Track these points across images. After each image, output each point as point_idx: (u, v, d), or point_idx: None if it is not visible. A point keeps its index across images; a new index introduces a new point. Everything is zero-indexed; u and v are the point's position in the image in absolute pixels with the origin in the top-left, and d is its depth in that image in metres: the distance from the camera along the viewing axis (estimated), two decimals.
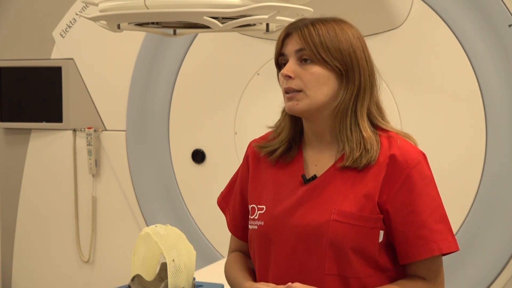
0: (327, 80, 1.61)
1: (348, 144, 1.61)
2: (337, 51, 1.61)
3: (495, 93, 3.15)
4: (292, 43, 1.63)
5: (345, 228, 1.58)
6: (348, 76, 1.62)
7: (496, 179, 3.17)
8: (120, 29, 2.36)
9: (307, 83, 1.61)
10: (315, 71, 1.61)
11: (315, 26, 1.62)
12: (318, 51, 1.60)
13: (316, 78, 1.61)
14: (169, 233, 2.10)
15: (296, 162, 1.69)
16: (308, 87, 1.61)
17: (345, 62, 1.61)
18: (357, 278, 1.59)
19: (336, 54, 1.60)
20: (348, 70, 1.62)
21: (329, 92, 1.62)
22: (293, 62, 1.62)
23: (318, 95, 1.61)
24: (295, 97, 1.62)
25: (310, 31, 1.61)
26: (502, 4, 3.11)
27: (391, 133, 1.65)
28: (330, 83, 1.62)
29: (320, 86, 1.61)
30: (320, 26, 1.62)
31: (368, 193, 1.59)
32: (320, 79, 1.61)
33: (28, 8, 3.99)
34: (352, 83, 1.62)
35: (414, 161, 1.60)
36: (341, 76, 1.62)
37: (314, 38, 1.60)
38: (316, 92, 1.61)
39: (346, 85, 1.62)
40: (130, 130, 3.78)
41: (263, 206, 1.68)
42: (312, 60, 1.61)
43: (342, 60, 1.61)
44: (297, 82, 1.61)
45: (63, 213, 4.00)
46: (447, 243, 1.60)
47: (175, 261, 2.04)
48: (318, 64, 1.61)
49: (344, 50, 1.61)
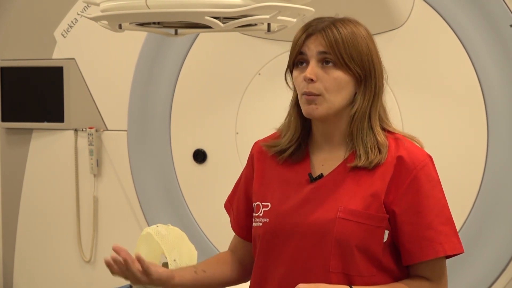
0: (346, 85, 1.62)
1: (363, 147, 1.62)
2: (358, 56, 1.61)
3: (496, 93, 3.15)
4: (315, 45, 1.62)
5: (351, 226, 1.59)
6: (366, 81, 1.63)
7: (498, 180, 3.17)
8: (121, 29, 2.36)
9: (328, 88, 1.61)
10: (338, 76, 1.61)
11: (338, 29, 1.61)
12: (342, 56, 1.60)
13: (338, 83, 1.61)
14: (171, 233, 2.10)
15: (303, 161, 1.69)
16: (328, 91, 1.61)
17: (364, 68, 1.62)
18: (361, 277, 1.60)
19: (357, 59, 1.61)
20: (366, 76, 1.63)
21: (346, 97, 1.63)
22: (314, 64, 1.62)
23: (337, 100, 1.62)
24: (315, 100, 1.61)
25: (334, 34, 1.60)
26: (504, 4, 3.11)
27: (397, 135, 1.66)
28: (349, 87, 1.63)
29: (340, 90, 1.61)
30: (342, 27, 1.61)
31: (374, 192, 1.60)
32: (341, 83, 1.61)
33: (30, 8, 3.99)
34: (369, 88, 1.63)
35: (421, 163, 1.61)
36: (359, 82, 1.63)
37: (338, 42, 1.60)
38: (335, 97, 1.61)
39: (363, 90, 1.63)
40: (132, 130, 3.78)
41: (268, 204, 1.68)
42: (335, 64, 1.61)
43: (362, 66, 1.62)
44: (318, 86, 1.61)
45: (65, 213, 4.00)
46: (452, 245, 1.61)
47: (177, 261, 2.04)
48: (341, 68, 1.61)
49: (364, 56, 1.62)
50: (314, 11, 2.31)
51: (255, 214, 1.70)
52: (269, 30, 2.42)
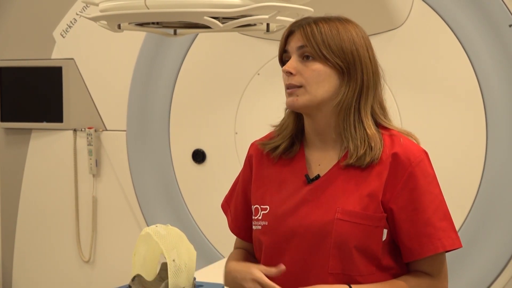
0: (328, 77, 1.62)
1: (352, 142, 1.62)
2: (339, 48, 1.62)
3: (495, 93, 3.15)
4: (294, 41, 1.65)
5: (349, 227, 1.59)
6: (350, 73, 1.63)
7: (497, 179, 3.17)
8: (120, 29, 2.36)
9: (307, 79, 1.62)
10: (316, 67, 1.62)
11: (318, 24, 1.63)
12: (319, 48, 1.61)
13: (317, 74, 1.62)
14: (170, 233, 2.10)
15: (298, 161, 1.69)
16: (308, 83, 1.62)
17: (346, 59, 1.62)
18: (360, 277, 1.60)
19: (337, 51, 1.62)
20: (350, 68, 1.63)
21: (329, 89, 1.63)
22: (295, 59, 1.64)
23: (319, 91, 1.62)
24: (295, 92, 1.63)
25: (312, 29, 1.63)
26: (503, 4, 3.11)
27: (393, 131, 1.66)
28: (331, 80, 1.63)
29: (320, 82, 1.62)
30: (323, 24, 1.64)
31: (371, 192, 1.60)
32: (321, 75, 1.62)
33: (29, 8, 3.99)
34: (354, 80, 1.63)
35: (417, 159, 1.61)
36: (343, 74, 1.63)
37: (315, 35, 1.62)
38: (316, 88, 1.62)
39: (347, 82, 1.63)
40: (131, 130, 3.78)
41: (266, 206, 1.68)
42: (314, 57, 1.62)
43: (344, 57, 1.62)
44: (298, 79, 1.63)
45: (64, 213, 4.00)
46: (450, 240, 1.61)
47: (176, 261, 2.04)
48: (319, 61, 1.62)
49: (346, 48, 1.62)
50: (313, 11, 2.32)
51: (255, 217, 1.70)
52: (268, 30, 2.43)
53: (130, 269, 2.20)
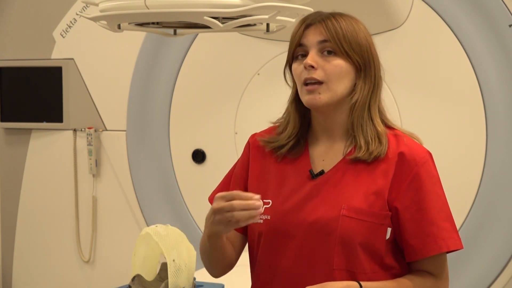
0: (347, 74, 1.63)
1: (363, 137, 1.62)
2: (357, 45, 1.63)
3: (495, 93, 3.15)
4: (314, 34, 1.64)
5: (355, 224, 1.59)
6: (366, 70, 1.64)
7: (497, 179, 3.17)
8: (120, 29, 2.36)
9: (330, 75, 1.62)
10: (339, 63, 1.62)
11: (337, 19, 1.63)
12: (341, 44, 1.61)
13: (339, 70, 1.62)
14: (170, 233, 2.10)
15: (302, 157, 1.69)
16: (330, 79, 1.62)
17: (363, 56, 1.63)
18: (363, 274, 1.60)
19: (356, 48, 1.63)
20: (366, 65, 1.64)
21: (348, 86, 1.64)
22: (314, 53, 1.63)
23: (340, 88, 1.62)
24: (317, 90, 1.62)
25: (333, 23, 1.62)
26: (502, 4, 3.12)
27: (397, 131, 1.67)
28: (350, 76, 1.64)
29: (341, 79, 1.62)
30: (341, 19, 1.64)
31: (378, 190, 1.61)
32: (342, 71, 1.62)
33: (29, 8, 3.99)
34: (369, 78, 1.64)
35: (422, 160, 1.62)
36: (360, 71, 1.64)
37: (337, 30, 1.62)
38: (338, 85, 1.62)
39: (364, 79, 1.64)
40: (131, 130, 3.78)
41: (269, 200, 1.68)
42: (335, 53, 1.62)
43: (361, 54, 1.63)
44: (320, 73, 1.62)
45: (64, 213, 4.00)
46: (453, 241, 1.62)
47: (176, 261, 2.03)
48: (341, 56, 1.62)
49: (363, 45, 1.63)
50: (313, 11, 2.31)
51: None
52: (268, 30, 2.42)
53: (130, 269, 2.19)
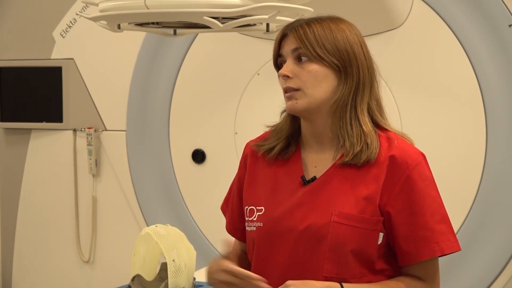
0: (325, 77, 1.62)
1: (348, 139, 1.60)
2: (333, 47, 1.61)
3: (495, 93, 3.15)
4: (288, 43, 1.64)
5: (346, 230, 1.57)
6: (347, 71, 1.62)
7: (496, 179, 3.17)
8: (120, 29, 2.36)
9: (305, 82, 1.61)
10: (312, 68, 1.61)
11: (310, 25, 1.63)
12: (313, 49, 1.60)
13: (314, 75, 1.61)
14: (169, 233, 2.10)
15: (294, 162, 1.68)
16: (306, 85, 1.61)
17: (342, 57, 1.62)
18: (354, 279, 1.59)
19: (332, 50, 1.61)
20: (346, 66, 1.62)
21: (328, 89, 1.62)
22: (290, 62, 1.63)
23: (317, 93, 1.61)
24: (294, 95, 1.62)
25: (305, 30, 1.62)
26: (502, 4, 3.11)
27: (390, 134, 1.65)
28: (329, 80, 1.62)
29: (318, 83, 1.61)
30: (315, 24, 1.63)
31: (369, 195, 1.59)
32: (318, 76, 1.61)
33: (28, 8, 3.99)
34: (350, 78, 1.62)
35: (414, 162, 1.60)
36: (340, 72, 1.62)
37: (309, 36, 1.61)
38: (314, 89, 1.61)
39: (344, 80, 1.62)
40: (131, 130, 3.78)
41: (261, 208, 1.67)
42: (309, 58, 1.61)
43: (339, 56, 1.61)
44: (296, 81, 1.62)
45: (63, 213, 4.00)
46: (449, 243, 1.60)
47: (175, 261, 2.04)
48: (315, 61, 1.61)
49: (341, 46, 1.62)
50: (312, 11, 2.31)
51: (248, 218, 1.69)
52: (268, 30, 2.43)
53: (130, 269, 2.20)
